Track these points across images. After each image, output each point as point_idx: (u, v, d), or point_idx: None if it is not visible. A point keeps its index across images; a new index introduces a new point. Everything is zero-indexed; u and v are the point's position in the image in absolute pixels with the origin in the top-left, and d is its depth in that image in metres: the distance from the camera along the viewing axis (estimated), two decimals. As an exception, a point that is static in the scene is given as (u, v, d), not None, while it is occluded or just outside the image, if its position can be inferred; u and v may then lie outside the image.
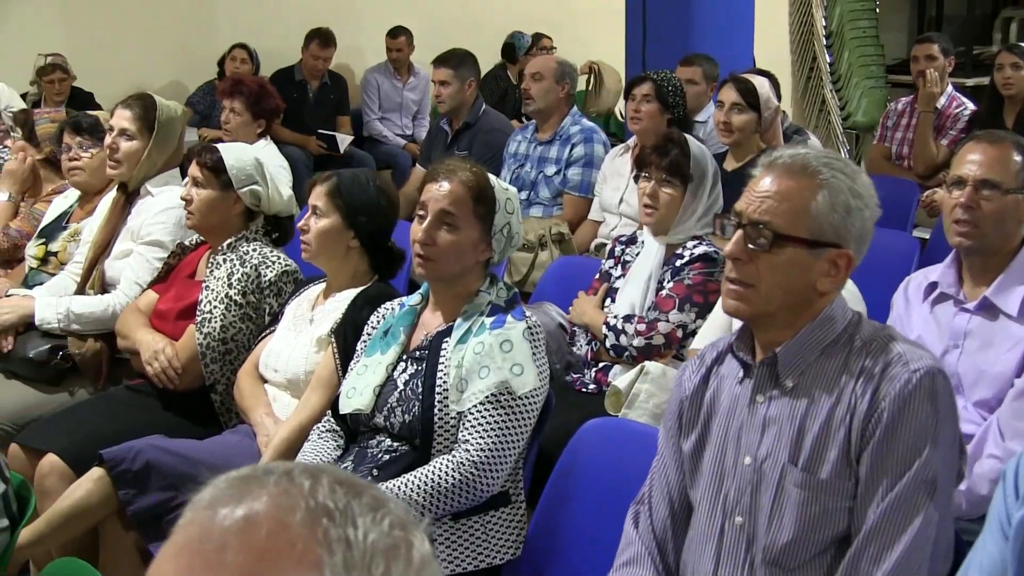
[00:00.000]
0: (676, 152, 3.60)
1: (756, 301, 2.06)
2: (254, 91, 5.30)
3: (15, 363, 3.80)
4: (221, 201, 3.55)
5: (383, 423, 2.78)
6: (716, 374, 2.22)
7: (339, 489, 0.89)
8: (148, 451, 3.12)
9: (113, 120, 4.02)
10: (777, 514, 2.05)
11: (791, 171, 2.06)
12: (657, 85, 5.00)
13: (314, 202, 3.26)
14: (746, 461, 2.10)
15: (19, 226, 4.52)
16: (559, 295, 3.99)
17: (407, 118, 8.66)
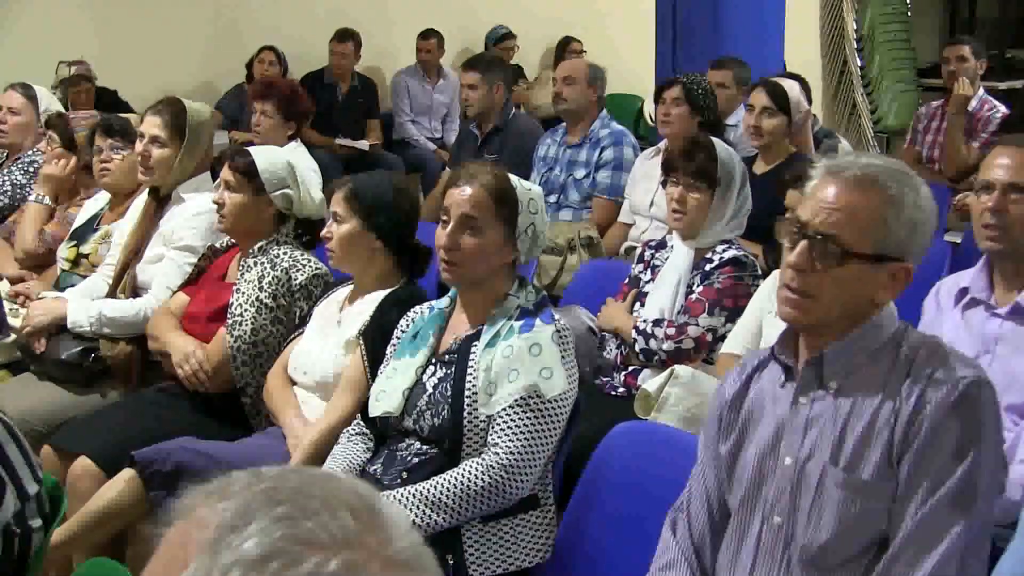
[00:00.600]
0: (703, 156, 3.60)
1: (815, 312, 2.05)
2: (286, 94, 5.32)
3: (47, 365, 3.82)
4: (253, 205, 3.57)
5: (412, 426, 2.79)
6: (757, 379, 2.22)
7: (260, 497, 0.89)
8: (179, 453, 3.14)
9: (143, 127, 4.04)
10: (816, 514, 2.04)
11: (860, 184, 2.03)
12: (687, 88, 5.00)
13: (334, 208, 3.27)
14: (787, 461, 2.09)
15: (52, 230, 4.56)
16: (588, 299, 3.99)
17: (436, 121, 8.68)
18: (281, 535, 0.86)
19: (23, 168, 5.06)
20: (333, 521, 0.88)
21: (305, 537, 0.86)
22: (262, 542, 0.85)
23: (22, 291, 4.24)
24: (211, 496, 0.91)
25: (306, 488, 0.90)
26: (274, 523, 0.87)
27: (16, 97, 5.17)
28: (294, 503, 0.88)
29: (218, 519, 0.88)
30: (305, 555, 0.85)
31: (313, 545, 0.86)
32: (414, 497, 2.62)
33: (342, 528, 0.88)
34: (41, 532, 2.22)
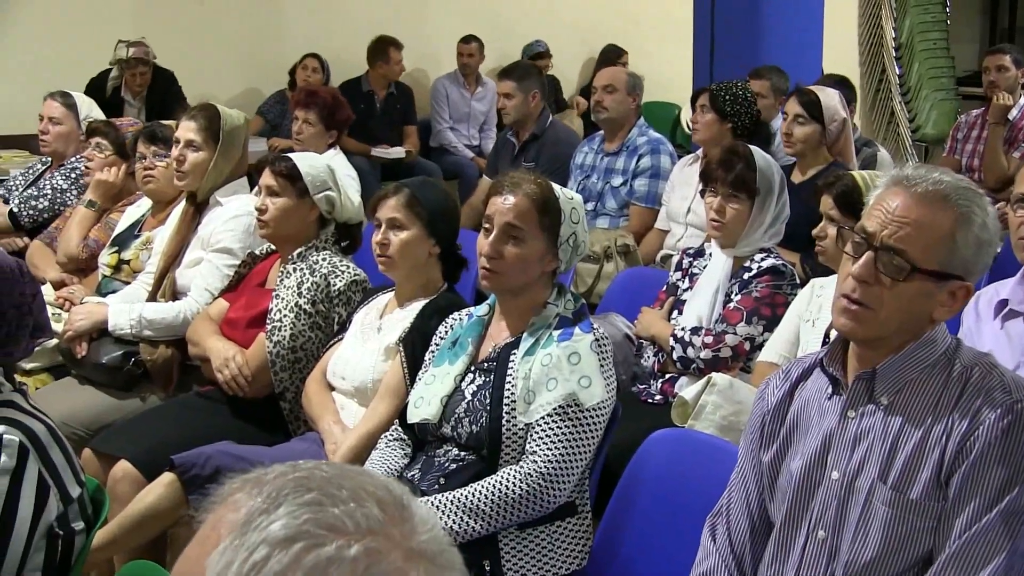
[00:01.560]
0: (741, 167, 3.59)
1: (873, 325, 2.02)
2: (328, 102, 5.35)
3: (88, 369, 3.86)
4: (296, 208, 3.59)
5: (450, 433, 2.80)
6: (802, 388, 2.19)
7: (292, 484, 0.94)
8: (218, 457, 3.16)
9: (178, 132, 4.08)
10: (862, 531, 2.02)
11: (931, 200, 1.99)
12: (712, 95, 5.02)
13: (391, 215, 3.25)
14: (834, 476, 2.07)
15: (95, 235, 4.60)
16: (625, 306, 3.99)
17: (474, 128, 8.70)
18: (307, 519, 0.90)
19: (65, 174, 5.11)
20: (360, 510, 0.92)
21: (330, 523, 0.90)
22: (288, 524, 0.90)
23: (65, 296, 4.28)
24: (247, 483, 0.96)
25: (337, 479, 0.94)
26: (302, 508, 0.91)
27: (56, 107, 5.22)
28: (323, 491, 0.93)
29: (251, 503, 0.92)
30: (328, 539, 0.89)
31: (337, 530, 0.90)
32: (451, 503, 2.63)
33: (367, 518, 0.92)
34: (83, 534, 2.25)
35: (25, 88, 6.08)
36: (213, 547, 0.92)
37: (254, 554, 0.89)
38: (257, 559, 0.89)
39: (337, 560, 0.88)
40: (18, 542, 2.09)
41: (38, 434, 2.17)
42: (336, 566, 0.88)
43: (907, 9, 9.06)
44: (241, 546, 0.90)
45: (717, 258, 3.65)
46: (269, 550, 0.89)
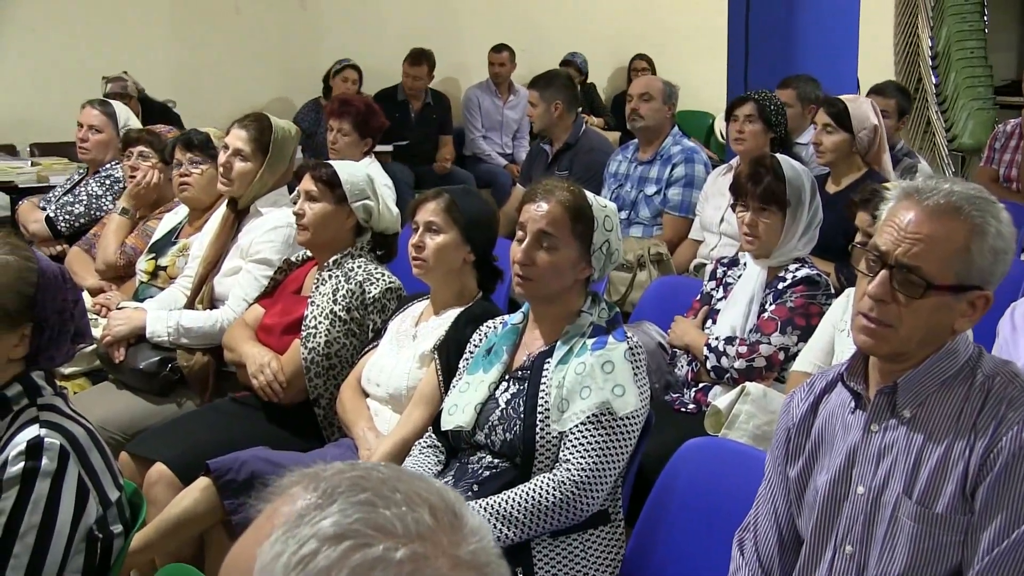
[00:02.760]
0: (770, 179, 3.57)
1: (893, 341, 2.01)
2: (361, 111, 5.37)
3: (126, 374, 3.89)
4: (335, 215, 3.61)
5: (484, 440, 2.81)
6: (826, 402, 2.18)
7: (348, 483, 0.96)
8: (253, 462, 3.18)
9: (228, 139, 4.10)
10: (889, 546, 2.01)
11: (944, 213, 1.97)
12: (759, 105, 4.99)
13: (429, 219, 3.27)
14: (859, 491, 2.06)
15: (133, 242, 4.64)
16: (659, 315, 3.99)
17: (507, 136, 8.73)
18: (357, 518, 0.92)
19: (100, 180, 5.15)
20: (411, 515, 0.93)
21: (380, 524, 0.92)
22: (339, 522, 0.91)
23: (103, 302, 4.33)
24: (306, 477, 0.98)
25: (392, 481, 0.96)
26: (354, 507, 0.93)
27: (95, 115, 5.27)
28: (377, 492, 0.94)
29: (306, 497, 0.94)
30: (376, 540, 0.91)
31: (386, 532, 0.91)
32: (485, 510, 2.64)
33: (417, 522, 0.93)
34: (122, 537, 2.27)
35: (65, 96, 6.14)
36: (266, 536, 0.94)
37: (303, 547, 0.91)
38: (305, 553, 0.90)
39: (383, 562, 0.90)
40: (59, 544, 2.12)
41: (78, 438, 2.20)
42: (381, 568, 0.89)
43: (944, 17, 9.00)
44: (292, 538, 0.92)
45: (751, 268, 3.64)
46: (318, 545, 0.90)
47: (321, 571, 0.89)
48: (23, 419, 2.20)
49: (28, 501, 2.09)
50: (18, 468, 2.10)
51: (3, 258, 2.19)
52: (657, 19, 9.70)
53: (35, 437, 2.14)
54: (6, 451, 2.13)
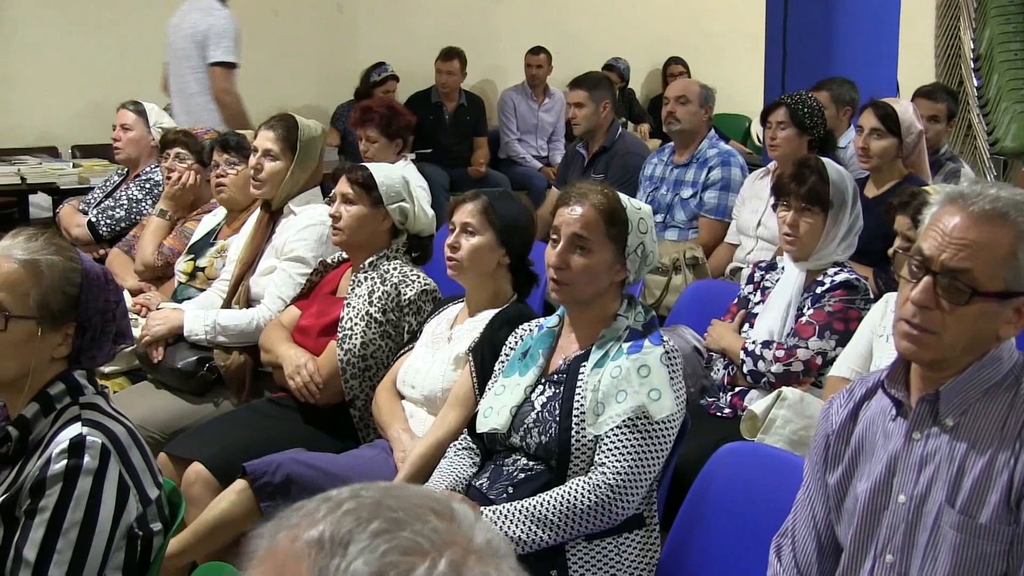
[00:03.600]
0: (814, 179, 3.56)
1: (937, 348, 1.98)
2: (384, 115, 5.36)
3: (164, 373, 3.93)
4: (371, 218, 3.63)
5: (519, 443, 2.81)
6: (866, 409, 2.16)
7: (348, 517, 0.92)
8: (288, 465, 3.20)
9: (257, 141, 4.14)
10: (931, 555, 1.99)
11: (989, 219, 1.94)
12: (791, 110, 4.93)
13: (465, 220, 3.29)
14: (900, 499, 2.04)
15: (171, 243, 4.68)
16: (694, 319, 3.98)
17: (542, 140, 8.73)
18: (385, 549, 0.89)
19: (139, 184, 5.20)
20: (425, 526, 0.92)
21: (407, 546, 0.90)
22: (369, 560, 0.88)
23: (143, 302, 4.37)
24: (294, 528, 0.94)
25: (386, 501, 0.94)
26: (373, 539, 0.90)
27: (128, 115, 5.34)
28: (384, 518, 0.92)
29: (313, 549, 0.91)
30: (414, 562, 0.89)
31: (417, 552, 0.89)
32: (520, 513, 2.64)
33: (435, 531, 0.92)
34: (161, 535, 2.29)
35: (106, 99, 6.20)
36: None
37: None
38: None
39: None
40: (100, 541, 2.14)
41: (119, 436, 2.22)
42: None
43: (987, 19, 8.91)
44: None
45: (790, 271, 3.63)
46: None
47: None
48: (65, 417, 2.22)
49: (71, 498, 2.12)
50: (61, 466, 2.12)
51: (48, 258, 2.21)
52: (694, 22, 9.67)
53: (77, 435, 2.16)
54: (49, 449, 2.16)
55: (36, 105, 7.54)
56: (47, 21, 7.58)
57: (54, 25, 7.60)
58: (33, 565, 2.10)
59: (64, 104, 7.55)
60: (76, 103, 7.51)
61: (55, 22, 7.60)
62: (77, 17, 7.64)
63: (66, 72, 7.58)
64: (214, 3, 6.29)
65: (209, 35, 6.17)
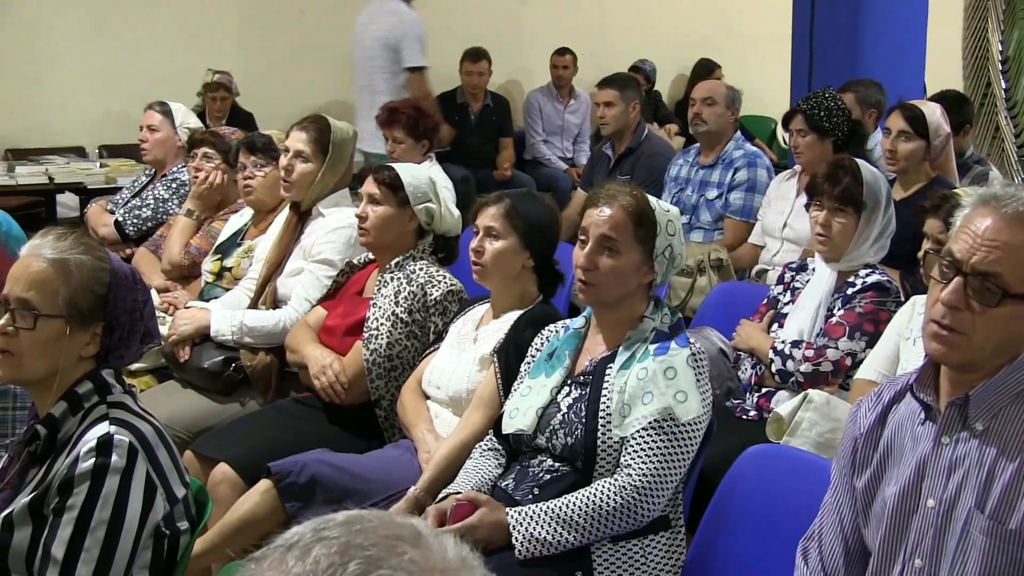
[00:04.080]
0: (848, 180, 3.55)
1: (966, 350, 1.97)
2: (411, 115, 5.37)
3: (191, 373, 3.94)
4: (397, 218, 3.63)
5: (545, 444, 2.81)
6: (894, 412, 2.14)
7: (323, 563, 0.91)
8: (313, 465, 3.21)
9: (289, 142, 4.14)
10: (960, 561, 1.97)
11: (1022, 221, 1.92)
12: (807, 116, 4.89)
13: (489, 224, 3.28)
14: (929, 504, 2.03)
15: (198, 243, 4.70)
16: (720, 320, 3.97)
17: (568, 141, 8.73)
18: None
19: (166, 184, 5.23)
20: (402, 559, 0.91)
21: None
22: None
23: (169, 300, 4.39)
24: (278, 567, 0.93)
25: (355, 540, 0.92)
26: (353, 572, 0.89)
27: (155, 116, 5.38)
28: (359, 558, 0.91)
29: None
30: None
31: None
32: (546, 514, 2.64)
33: (412, 562, 0.91)
34: (188, 534, 2.30)
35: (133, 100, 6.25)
36: None
37: None
38: None
39: None
40: (127, 539, 2.15)
41: (146, 435, 2.23)
42: None
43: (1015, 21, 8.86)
44: None
45: (821, 272, 3.61)
46: None
47: None
48: (93, 416, 2.23)
49: (98, 497, 2.13)
50: (88, 464, 2.14)
51: (78, 258, 2.23)
52: (721, 24, 9.65)
53: (105, 434, 2.17)
54: (77, 447, 2.17)
55: (64, 105, 7.60)
56: (75, 23, 7.63)
57: (82, 26, 7.65)
58: (61, 563, 2.11)
59: (91, 104, 7.60)
60: (103, 103, 7.56)
61: (83, 23, 7.65)
62: (105, 19, 7.69)
63: (94, 73, 7.63)
64: (402, 6, 6.73)
65: (402, 40, 6.64)
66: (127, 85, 7.46)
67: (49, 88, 7.59)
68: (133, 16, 7.77)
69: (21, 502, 2.18)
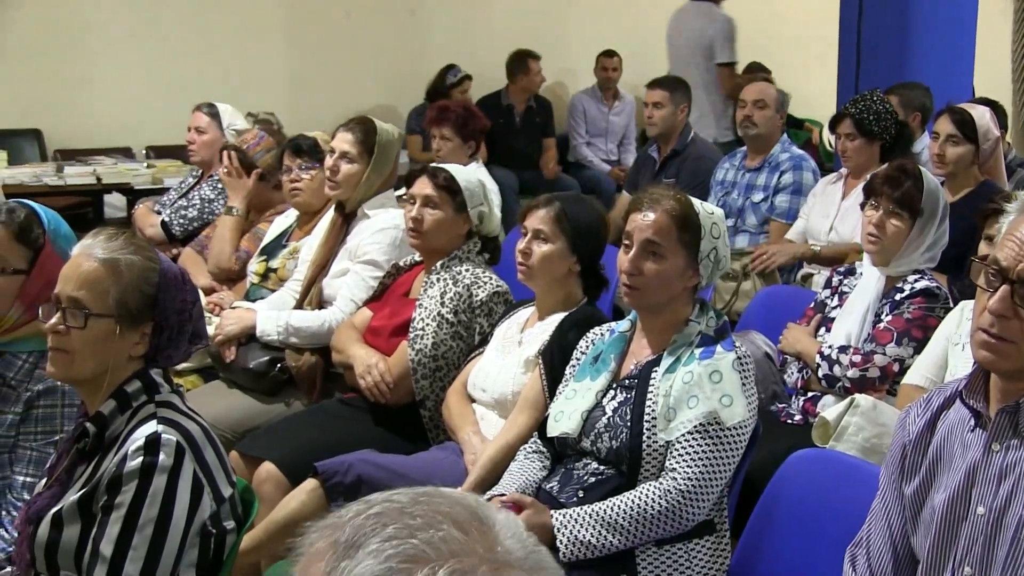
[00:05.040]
0: (910, 184, 3.51)
1: (1016, 358, 1.94)
2: (460, 115, 5.40)
3: (236, 373, 3.97)
4: (453, 222, 3.63)
5: (590, 447, 2.80)
6: (944, 419, 2.12)
7: (370, 521, 0.95)
8: (359, 465, 3.22)
9: (335, 143, 4.16)
10: (1011, 569, 1.95)
11: None
12: (856, 120, 4.84)
13: (538, 226, 3.28)
14: (979, 511, 2.00)
15: (245, 245, 4.73)
16: (766, 324, 3.95)
17: (612, 143, 8.71)
18: (388, 555, 0.92)
19: (212, 185, 5.27)
20: (437, 534, 0.93)
21: (412, 555, 0.92)
22: (371, 565, 0.92)
23: (217, 301, 4.42)
24: (325, 529, 0.97)
25: (411, 507, 0.96)
26: (383, 545, 0.93)
27: (202, 117, 5.42)
28: (400, 523, 0.94)
29: (332, 553, 0.95)
30: (414, 570, 0.91)
31: (420, 560, 0.92)
32: (590, 517, 2.64)
33: (446, 540, 0.93)
34: (234, 533, 2.31)
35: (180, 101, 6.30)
36: None
37: None
38: None
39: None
40: (174, 538, 2.16)
41: (193, 434, 2.25)
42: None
43: (1065, 24, 8.77)
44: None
45: (869, 276, 3.58)
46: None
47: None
48: (141, 415, 2.25)
49: (146, 495, 2.14)
50: (137, 463, 2.15)
51: (128, 258, 2.25)
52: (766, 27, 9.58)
53: (153, 433, 2.19)
54: (125, 446, 2.19)
55: (112, 106, 7.67)
56: (124, 24, 7.71)
57: (130, 28, 7.72)
58: (109, 560, 2.13)
59: (139, 106, 7.67)
60: (151, 105, 7.62)
61: (132, 25, 7.72)
62: (154, 21, 7.76)
63: (142, 74, 7.70)
64: (714, 8, 7.53)
65: (716, 39, 7.49)
66: (174, 87, 7.51)
67: (98, 90, 7.67)
68: (181, 18, 7.83)
69: (70, 499, 2.20)
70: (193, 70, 7.66)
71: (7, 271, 2.66)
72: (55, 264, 2.63)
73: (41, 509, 2.24)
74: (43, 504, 2.25)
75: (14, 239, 2.68)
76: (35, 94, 7.49)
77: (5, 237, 2.67)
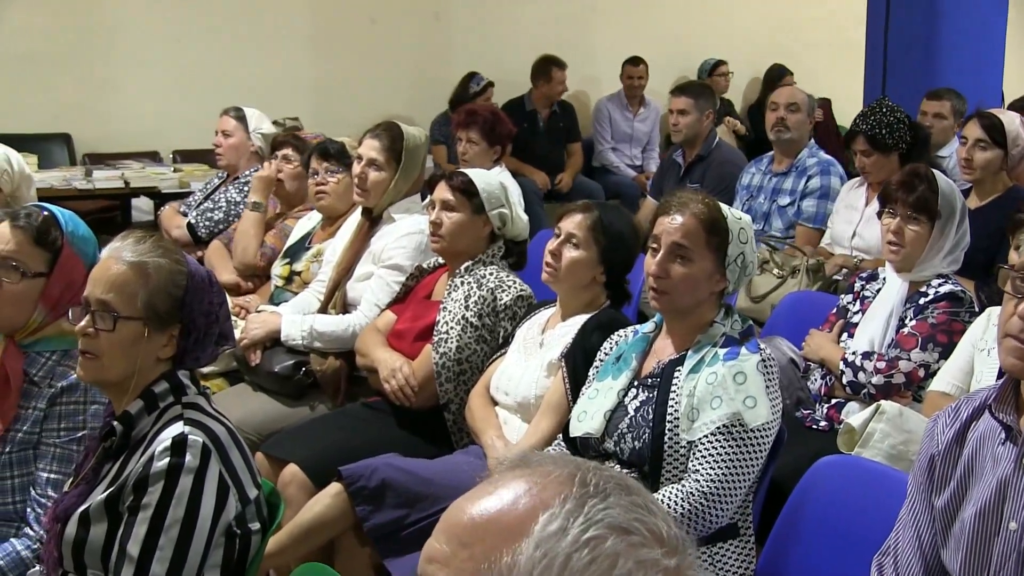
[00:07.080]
0: (923, 188, 3.49)
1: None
2: (488, 119, 5.42)
3: (261, 376, 3.98)
4: (471, 223, 3.64)
5: (613, 448, 2.80)
6: (973, 430, 2.09)
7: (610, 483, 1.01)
8: (384, 469, 3.21)
9: (362, 149, 4.16)
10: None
11: None
12: (868, 137, 4.81)
13: (572, 231, 3.28)
14: (1011, 527, 1.98)
15: (272, 242, 4.74)
16: (791, 330, 3.93)
17: (637, 149, 8.69)
18: (636, 519, 0.99)
19: (238, 187, 5.29)
20: (669, 529, 1.00)
21: (653, 530, 0.99)
22: (623, 518, 0.98)
23: (241, 304, 4.43)
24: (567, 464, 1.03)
25: (645, 493, 1.03)
26: (628, 507, 0.99)
27: (229, 121, 5.44)
28: (643, 498, 1.01)
29: (575, 484, 1.01)
30: (653, 544, 0.98)
31: (658, 539, 0.99)
32: (614, 520, 2.63)
33: (677, 538, 1.00)
34: (259, 535, 2.31)
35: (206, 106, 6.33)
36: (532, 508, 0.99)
37: (591, 530, 0.97)
38: (593, 536, 0.96)
39: (656, 566, 0.96)
40: (200, 539, 2.17)
41: (219, 436, 2.26)
42: (655, 570, 0.96)
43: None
44: (575, 519, 0.97)
45: (892, 282, 3.56)
46: (606, 532, 0.97)
47: (609, 556, 0.96)
48: (168, 416, 2.26)
49: (172, 496, 2.15)
50: (163, 464, 2.16)
51: (156, 261, 2.26)
52: (794, 31, 9.56)
53: (179, 434, 2.20)
54: (152, 446, 2.20)
55: (139, 111, 7.72)
56: (151, 28, 7.75)
57: (158, 32, 7.76)
58: (136, 560, 2.14)
59: (166, 110, 7.71)
60: (178, 109, 7.66)
61: (159, 29, 7.77)
62: (181, 24, 7.80)
63: (169, 79, 7.74)
64: None
65: None
66: (201, 92, 7.55)
67: (126, 95, 7.71)
68: (209, 25, 7.87)
69: (97, 498, 2.22)
70: (219, 76, 7.70)
71: (28, 275, 2.67)
72: (74, 265, 2.65)
73: (69, 507, 2.25)
74: (70, 503, 2.26)
75: (33, 243, 2.68)
76: (65, 99, 7.55)
77: (24, 241, 2.68)
